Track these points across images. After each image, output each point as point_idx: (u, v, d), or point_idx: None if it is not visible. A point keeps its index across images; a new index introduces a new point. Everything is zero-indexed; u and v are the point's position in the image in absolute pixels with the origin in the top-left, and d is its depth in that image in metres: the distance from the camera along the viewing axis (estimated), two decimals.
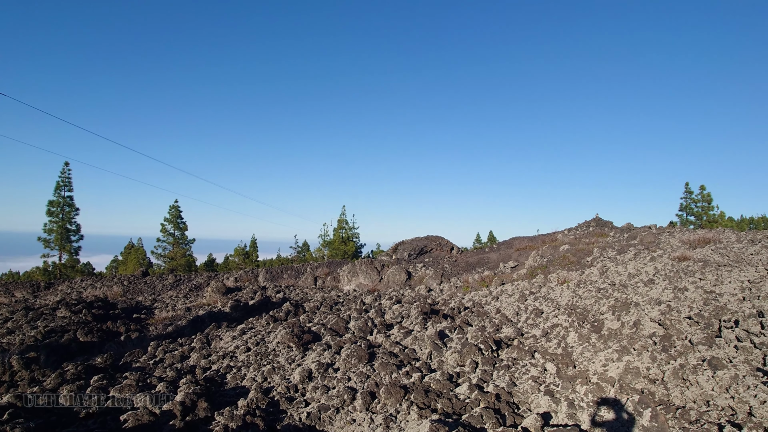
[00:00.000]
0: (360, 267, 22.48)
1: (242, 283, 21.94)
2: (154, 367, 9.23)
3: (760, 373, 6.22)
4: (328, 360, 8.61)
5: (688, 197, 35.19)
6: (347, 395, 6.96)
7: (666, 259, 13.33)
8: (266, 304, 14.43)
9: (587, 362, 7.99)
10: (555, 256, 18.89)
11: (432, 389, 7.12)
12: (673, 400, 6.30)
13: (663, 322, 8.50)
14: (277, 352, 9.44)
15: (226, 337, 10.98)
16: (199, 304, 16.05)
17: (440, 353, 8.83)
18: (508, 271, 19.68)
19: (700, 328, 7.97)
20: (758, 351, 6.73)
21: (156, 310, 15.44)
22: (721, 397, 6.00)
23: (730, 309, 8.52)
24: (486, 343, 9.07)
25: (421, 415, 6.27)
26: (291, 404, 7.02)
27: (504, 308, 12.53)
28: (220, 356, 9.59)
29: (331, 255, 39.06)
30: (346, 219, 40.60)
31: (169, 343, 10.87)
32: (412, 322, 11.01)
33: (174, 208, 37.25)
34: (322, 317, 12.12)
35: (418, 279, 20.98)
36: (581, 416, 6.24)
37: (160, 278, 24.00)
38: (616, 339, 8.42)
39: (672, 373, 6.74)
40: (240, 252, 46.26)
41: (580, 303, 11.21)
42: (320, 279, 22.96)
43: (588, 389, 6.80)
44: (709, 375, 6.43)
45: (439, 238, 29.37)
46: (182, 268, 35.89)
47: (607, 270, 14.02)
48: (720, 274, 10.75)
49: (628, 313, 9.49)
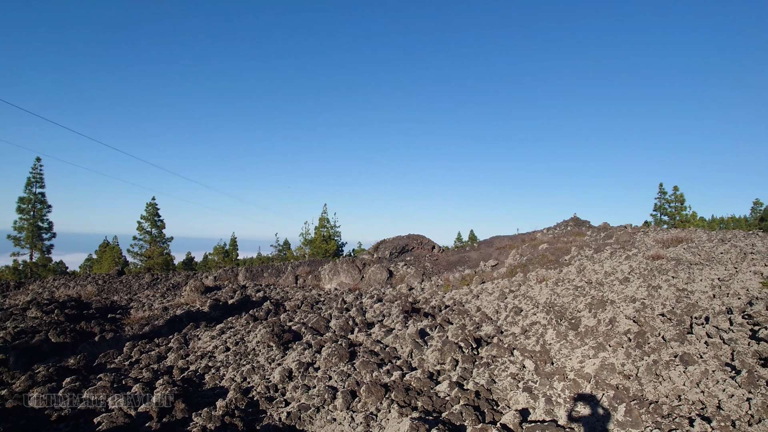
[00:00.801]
0: (341, 266, 22.41)
1: (221, 282, 21.64)
2: (130, 367, 9.03)
3: (729, 368, 6.44)
4: (309, 359, 8.56)
5: (662, 197, 36.14)
6: (328, 394, 6.94)
7: (641, 258, 13.67)
8: (246, 303, 14.26)
9: (565, 359, 8.14)
10: (534, 254, 19.18)
11: (412, 387, 7.15)
12: (647, 395, 6.47)
13: (637, 319, 8.71)
14: (257, 351, 9.34)
15: (205, 337, 10.81)
16: (176, 303, 15.77)
17: (421, 351, 8.87)
18: (488, 269, 19.88)
19: (673, 324, 8.20)
20: (727, 347, 6.96)
21: (132, 309, 15.11)
22: (692, 391, 6.18)
23: (701, 306, 8.79)
24: (466, 341, 9.15)
25: (402, 414, 6.29)
26: (271, 404, 6.95)
27: (484, 306, 12.67)
28: (198, 356, 9.44)
29: (313, 253, 38.84)
30: (327, 217, 40.42)
31: (146, 343, 10.64)
32: (393, 321, 11.03)
33: (151, 205, 36.48)
34: (302, 316, 12.04)
35: (400, 278, 21.04)
36: (558, 412, 6.35)
37: (136, 277, 23.49)
38: (592, 336, 8.60)
39: (646, 368, 6.92)
40: (219, 250, 45.60)
41: (558, 301, 11.41)
42: (301, 278, 22.81)
43: (565, 385, 6.93)
44: (680, 370, 6.62)
45: (420, 237, 29.49)
46: (159, 267, 35.18)
47: (585, 268, 14.30)
48: (692, 273, 11.07)
49: (604, 310, 9.70)
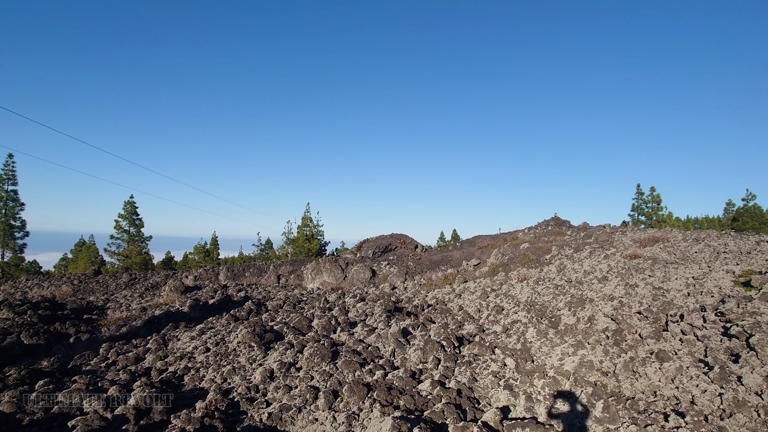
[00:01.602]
0: (324, 265, 22.31)
1: (202, 281, 21.32)
2: (106, 369, 8.83)
3: (702, 364, 6.62)
4: (291, 359, 8.49)
5: (639, 198, 36.92)
6: (310, 394, 6.89)
7: (619, 257, 13.95)
8: (227, 303, 14.08)
9: (545, 357, 8.26)
10: (516, 254, 19.40)
11: (395, 386, 7.15)
12: (624, 392, 6.60)
13: (615, 317, 8.89)
14: (238, 352, 9.23)
15: (184, 338, 10.64)
16: (155, 303, 15.48)
17: (403, 351, 8.89)
18: (470, 269, 20.04)
19: (649, 322, 8.39)
20: (701, 343, 7.15)
21: (109, 310, 14.77)
22: (667, 387, 6.34)
23: (676, 304, 9.01)
24: (448, 339, 9.20)
25: (384, 413, 6.29)
26: (252, 405, 6.88)
27: (466, 305, 12.76)
28: (177, 357, 9.28)
29: (295, 253, 38.56)
30: (310, 217, 40.16)
31: (123, 344, 10.42)
32: (375, 320, 11.03)
33: (129, 204, 35.69)
34: (284, 316, 11.94)
35: (383, 277, 21.05)
36: (538, 409, 6.44)
37: (113, 277, 22.98)
38: (572, 334, 8.74)
39: (623, 365, 7.06)
40: (200, 250, 44.89)
41: (538, 300, 11.56)
42: (284, 277, 22.63)
43: (545, 383, 7.02)
44: (656, 367, 6.78)
45: (403, 237, 29.55)
46: (138, 266, 34.46)
47: (565, 267, 14.52)
48: (667, 272, 11.34)
49: (584, 308, 9.87)
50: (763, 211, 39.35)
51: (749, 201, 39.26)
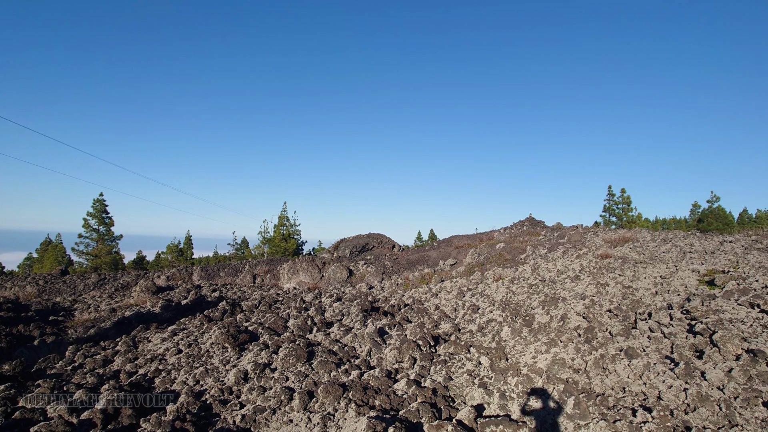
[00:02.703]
0: (301, 264, 22.12)
1: (175, 281, 20.85)
2: (73, 373, 8.52)
3: (668, 360, 6.83)
4: (266, 360, 8.38)
5: (610, 199, 37.94)
6: (284, 395, 6.81)
7: (590, 257, 14.29)
8: (201, 304, 13.80)
9: (519, 355, 8.38)
10: (491, 253, 19.65)
11: (371, 386, 7.14)
12: (594, 388, 6.76)
13: (587, 316, 9.09)
14: (211, 353, 9.05)
15: (156, 339, 10.37)
16: (125, 304, 15.04)
17: (379, 350, 8.89)
18: (447, 268, 20.19)
19: (619, 320, 8.61)
20: (667, 340, 7.38)
21: (76, 311, 14.28)
22: (636, 383, 6.52)
23: (644, 302, 9.28)
24: (424, 339, 9.24)
25: (359, 413, 6.27)
26: (225, 407, 6.75)
27: (443, 305, 12.85)
28: (147, 359, 9.03)
29: (271, 252, 38.11)
30: (287, 216, 39.75)
31: (91, 346, 10.08)
32: (352, 320, 10.99)
33: (99, 201, 34.61)
34: (260, 316, 11.77)
35: (360, 276, 21.01)
36: (512, 407, 6.53)
37: (81, 277, 22.24)
38: (545, 332, 8.90)
39: (594, 362, 7.23)
40: (173, 249, 43.88)
41: (513, 299, 11.73)
42: (259, 277, 22.33)
43: (519, 380, 7.13)
44: (625, 364, 6.96)
45: (380, 236, 29.57)
46: (107, 266, 33.45)
47: (539, 267, 14.78)
48: (637, 271, 11.67)
49: (557, 307, 10.06)
50: (726, 212, 40.96)
51: (714, 203, 40.82)
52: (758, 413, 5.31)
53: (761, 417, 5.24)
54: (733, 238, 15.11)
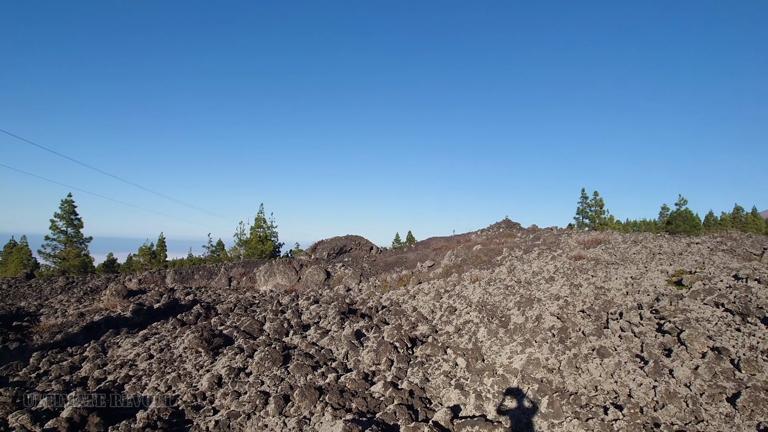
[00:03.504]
0: (278, 267, 21.87)
1: (147, 285, 20.31)
2: (37, 380, 8.19)
3: (638, 359, 7.01)
4: (240, 364, 8.23)
5: (584, 201, 38.85)
6: (259, 400, 6.70)
7: (564, 258, 14.57)
8: (174, 308, 13.49)
9: (495, 355, 8.46)
10: (469, 255, 19.82)
11: (347, 389, 7.09)
12: (568, 387, 6.88)
13: (561, 316, 9.26)
14: (184, 358, 8.84)
15: (126, 344, 10.07)
16: (95, 308, 14.56)
17: (357, 353, 8.84)
18: (425, 270, 20.28)
19: (592, 320, 8.80)
20: (637, 339, 7.57)
21: (42, 316, 13.74)
22: (607, 382, 6.66)
23: (616, 302, 9.51)
24: (402, 341, 9.24)
25: (336, 416, 6.21)
26: (197, 413, 6.60)
27: (420, 306, 12.88)
28: (117, 365, 8.76)
29: (248, 254, 37.54)
30: (264, 217, 39.21)
31: (57, 353, 9.71)
32: (329, 323, 10.91)
33: (67, 203, 33.44)
34: (235, 319, 11.57)
35: (337, 279, 20.89)
36: (487, 407, 6.58)
37: (48, 281, 21.42)
38: (520, 333, 9.01)
39: (567, 362, 7.35)
40: (146, 251, 42.71)
41: (490, 300, 11.86)
42: (235, 280, 21.97)
43: (494, 381, 7.19)
44: (597, 363, 7.11)
45: (358, 238, 29.50)
46: (76, 269, 32.33)
47: (515, 268, 14.99)
48: (609, 272, 11.96)
49: (532, 308, 10.21)
50: (693, 215, 42.43)
51: (681, 206, 42.24)
52: (722, 408, 5.49)
53: (725, 412, 5.42)
54: (700, 240, 15.66)
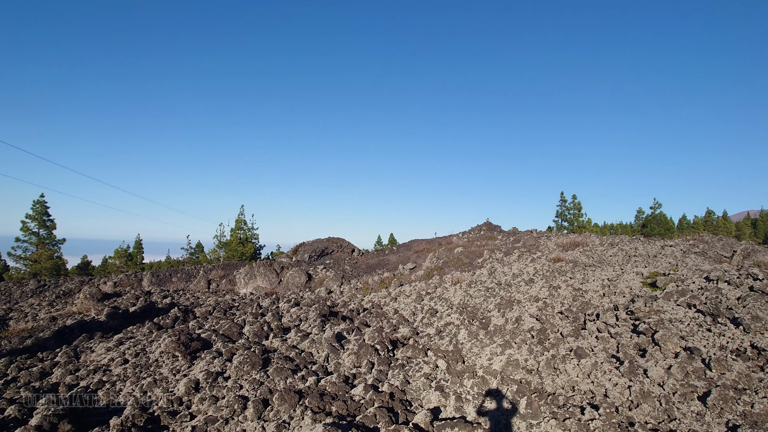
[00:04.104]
0: (258, 269, 21.62)
1: (123, 288, 19.83)
2: (5, 387, 7.90)
3: (614, 359, 7.15)
4: (219, 368, 8.09)
5: (563, 205, 39.52)
6: (238, 404, 6.60)
7: (544, 261, 14.78)
8: (150, 311, 13.19)
9: (475, 357, 8.52)
10: (450, 257, 19.94)
11: (327, 392, 7.04)
12: (546, 388, 6.97)
13: (540, 317, 9.38)
14: (160, 362, 8.65)
15: (100, 349, 9.80)
16: (67, 312, 14.16)
17: (337, 355, 8.79)
18: (406, 272, 20.31)
19: (570, 321, 8.94)
20: (613, 340, 7.72)
21: (11, 321, 13.28)
22: (584, 382, 6.77)
23: (593, 304, 9.68)
24: (383, 343, 9.23)
25: (315, 420, 6.16)
26: (174, 419, 6.46)
27: (401, 309, 12.90)
28: (90, 371, 8.52)
29: (228, 257, 37.03)
30: (244, 219, 38.73)
31: (27, 358, 9.39)
32: (310, 325, 10.82)
33: (39, 203, 32.44)
34: (214, 323, 11.38)
35: (319, 281, 20.77)
36: (467, 408, 6.62)
37: (18, 284, 20.73)
38: (500, 334, 9.10)
39: (545, 363, 7.45)
40: (122, 253, 41.71)
41: (470, 302, 11.94)
42: (214, 282, 21.63)
43: (474, 382, 7.24)
44: (575, 363, 7.22)
45: (340, 240, 29.39)
46: (48, 272, 31.37)
47: (495, 270, 15.14)
48: (586, 274, 12.18)
49: (512, 310, 10.32)
50: (667, 218, 43.58)
51: (656, 209, 43.36)
52: (694, 407, 5.64)
53: (696, 410, 5.57)
54: (673, 243, 16.08)
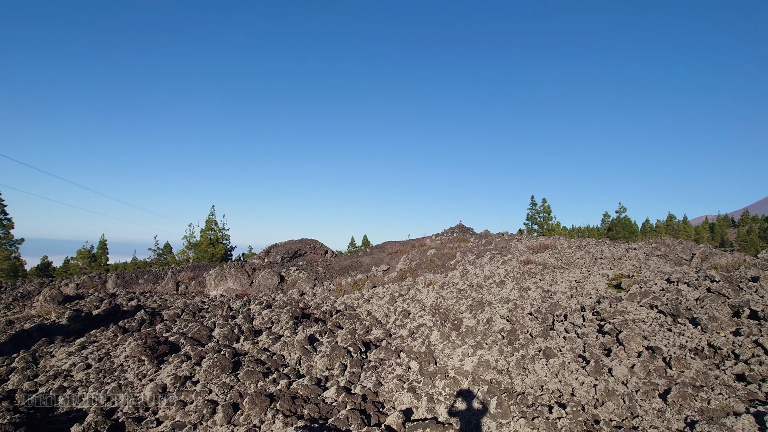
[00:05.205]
0: (229, 270, 21.23)
1: (86, 290, 19.11)
2: None
3: (581, 358, 7.35)
4: (187, 372, 7.90)
5: (533, 208, 40.40)
6: (207, 409, 6.46)
7: (514, 263, 15.07)
8: (115, 314, 12.74)
9: (447, 358, 8.61)
10: (423, 259, 20.08)
11: (299, 395, 6.98)
12: (515, 388, 7.10)
13: (510, 319, 9.56)
14: (125, 367, 8.38)
15: (60, 354, 9.40)
16: (26, 315, 13.51)
17: (309, 358, 8.72)
18: (379, 274, 20.34)
19: (539, 322, 9.15)
20: (580, 340, 7.94)
21: None
22: (552, 381, 6.94)
23: (561, 305, 9.94)
24: (355, 345, 9.21)
25: (287, 423, 6.10)
26: (139, 425, 6.27)
27: (375, 310, 12.90)
28: (50, 376, 8.17)
29: (198, 258, 36.18)
30: (215, 219, 37.95)
31: None
32: (282, 328, 10.70)
33: None
34: (182, 326, 11.10)
35: (291, 282, 20.56)
36: (439, 409, 6.68)
37: None
38: (472, 335, 9.22)
39: (515, 363, 7.60)
40: (85, 254, 40.15)
41: (443, 303, 12.06)
42: (183, 284, 21.10)
43: (446, 383, 7.31)
44: (543, 363, 7.39)
45: (313, 242, 29.17)
46: (5, 273, 29.92)
47: (467, 273, 15.33)
48: (555, 276, 12.49)
49: (483, 311, 10.48)
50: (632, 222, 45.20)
51: (621, 213, 44.88)
52: (655, 404, 5.86)
53: (657, 407, 5.79)
54: (637, 246, 16.68)
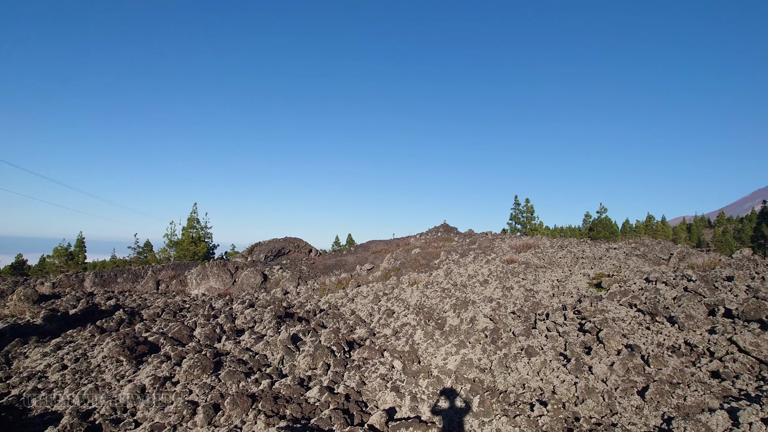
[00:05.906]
0: (211, 269, 20.95)
1: (62, 289, 18.64)
2: None
3: (562, 357, 7.44)
4: (167, 373, 7.76)
5: (516, 208, 40.86)
6: (187, 410, 6.35)
7: (498, 262, 15.20)
8: (93, 313, 12.45)
9: (430, 357, 8.63)
10: (407, 258, 20.12)
11: (282, 395, 6.91)
12: (498, 386, 7.15)
13: (493, 317, 9.63)
14: (103, 368, 8.19)
15: (35, 355, 9.15)
16: None
17: (292, 357, 8.65)
18: (364, 273, 20.31)
19: (521, 321, 9.23)
20: (561, 339, 8.04)
21: None
22: (534, 379, 7.01)
23: (543, 304, 10.05)
24: (339, 344, 9.17)
25: (269, 423, 6.03)
26: (117, 427, 6.13)
27: (359, 309, 12.87)
28: (23, 378, 7.94)
29: (179, 256, 35.62)
30: (197, 217, 37.39)
31: None
32: (265, 327, 10.59)
33: None
34: (162, 325, 10.90)
35: (275, 281, 20.39)
36: (422, 408, 6.69)
37: None
38: (455, 334, 9.27)
39: (498, 361, 7.66)
40: (61, 252, 39.18)
41: (427, 302, 12.09)
42: (164, 283, 20.75)
43: (429, 382, 7.33)
44: (525, 361, 7.46)
45: (297, 240, 28.98)
46: None
47: (451, 272, 15.41)
48: (537, 275, 12.63)
49: (467, 310, 10.54)
50: (612, 222, 46.05)
51: (602, 214, 45.67)
52: (633, 401, 5.96)
53: (636, 404, 5.89)
54: (617, 246, 16.98)
